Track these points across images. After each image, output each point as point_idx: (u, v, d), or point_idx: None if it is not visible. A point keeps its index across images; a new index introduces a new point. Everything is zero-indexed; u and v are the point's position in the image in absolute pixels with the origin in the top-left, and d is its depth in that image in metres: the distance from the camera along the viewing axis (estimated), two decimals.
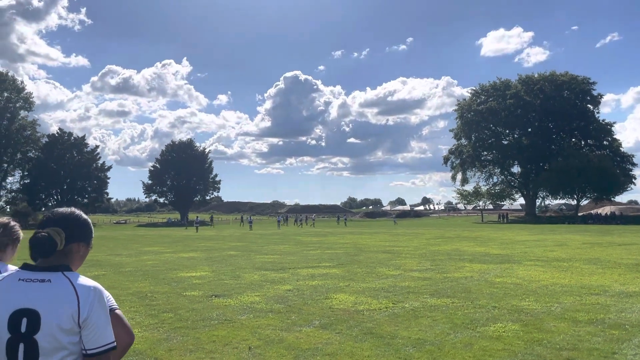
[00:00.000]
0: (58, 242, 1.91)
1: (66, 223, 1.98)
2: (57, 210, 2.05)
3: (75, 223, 2.02)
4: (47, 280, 1.87)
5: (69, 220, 2.01)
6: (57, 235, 1.92)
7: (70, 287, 1.87)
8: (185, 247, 24.40)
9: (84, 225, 2.05)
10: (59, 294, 1.85)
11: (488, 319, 7.50)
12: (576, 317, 7.58)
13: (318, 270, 13.79)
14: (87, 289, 1.88)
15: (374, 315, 7.89)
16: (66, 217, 2.02)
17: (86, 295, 1.86)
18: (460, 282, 11.30)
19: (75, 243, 2.00)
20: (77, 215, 2.05)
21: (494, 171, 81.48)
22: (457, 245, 23.13)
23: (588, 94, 76.38)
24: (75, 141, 77.57)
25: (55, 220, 1.98)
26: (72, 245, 1.98)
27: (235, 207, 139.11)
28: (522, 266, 14.27)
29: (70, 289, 1.86)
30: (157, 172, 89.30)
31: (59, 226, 1.95)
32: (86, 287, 1.89)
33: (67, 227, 1.97)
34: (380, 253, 19.10)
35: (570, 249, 20.31)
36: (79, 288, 1.87)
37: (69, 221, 2.00)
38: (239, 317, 7.80)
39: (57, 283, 1.87)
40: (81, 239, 2.03)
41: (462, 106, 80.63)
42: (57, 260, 1.93)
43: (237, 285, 11.09)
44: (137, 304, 9.06)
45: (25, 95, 72.35)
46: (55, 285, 1.86)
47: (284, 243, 26.34)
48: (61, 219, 2.00)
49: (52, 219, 1.99)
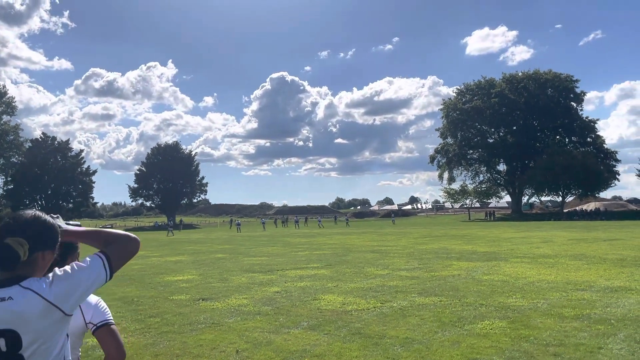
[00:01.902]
0: (21, 254, 1.73)
1: (29, 230, 1.78)
2: (18, 215, 1.83)
3: (40, 230, 1.81)
4: (7, 298, 1.70)
5: (32, 227, 1.80)
6: (19, 246, 1.73)
7: (34, 295, 1.72)
8: (172, 250, 24.23)
9: (49, 231, 1.85)
10: (28, 308, 1.70)
11: (475, 317, 7.53)
12: (562, 313, 7.64)
13: (306, 271, 13.77)
14: (46, 283, 1.75)
15: (362, 315, 7.88)
16: (29, 223, 1.81)
17: (49, 290, 1.73)
18: (447, 280, 11.34)
19: (40, 252, 1.80)
20: (41, 220, 1.84)
21: (480, 169, 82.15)
22: (444, 243, 23.23)
23: (571, 91, 77.35)
24: (59, 145, 76.77)
25: (16, 228, 1.77)
26: (36, 255, 1.78)
27: (222, 210, 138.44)
28: (509, 263, 14.36)
29: (35, 297, 1.72)
30: (143, 176, 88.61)
31: (22, 235, 1.75)
32: (45, 282, 1.76)
33: (31, 236, 1.77)
34: (369, 253, 19.12)
35: (556, 245, 20.50)
36: (42, 290, 1.73)
37: (32, 228, 1.79)
38: (226, 321, 7.75)
39: (19, 298, 1.70)
40: (46, 246, 1.83)
41: (448, 105, 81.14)
42: (16, 272, 1.75)
43: (224, 288, 11.03)
44: (123, 309, 8.97)
45: (7, 100, 71.48)
46: (18, 302, 1.70)
47: (272, 245, 26.27)
48: (23, 226, 1.78)
49: (13, 227, 1.78)
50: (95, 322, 2.31)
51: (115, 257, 1.89)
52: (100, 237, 1.96)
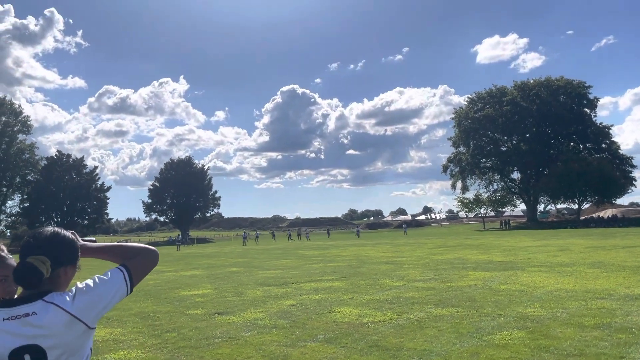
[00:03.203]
0: (44, 271, 1.76)
1: (50, 248, 1.82)
2: (38, 233, 1.87)
3: (60, 246, 1.85)
4: (31, 313, 1.74)
5: (52, 244, 1.84)
6: (42, 264, 1.76)
7: (57, 309, 1.75)
8: (186, 265, 24.30)
9: (69, 247, 1.89)
10: (52, 322, 1.74)
11: (494, 327, 7.44)
12: (582, 322, 7.52)
13: (321, 283, 13.72)
14: (69, 297, 1.79)
15: (379, 327, 7.83)
16: (49, 240, 1.84)
17: (72, 303, 1.77)
18: (464, 290, 11.23)
19: (62, 267, 1.85)
20: (61, 236, 1.88)
21: (493, 178, 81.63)
22: (460, 253, 23.04)
23: (584, 97, 76.77)
24: (73, 163, 77.67)
25: (37, 246, 1.81)
26: (58, 271, 1.83)
27: (236, 223, 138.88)
28: (526, 272, 14.20)
29: (58, 311, 1.75)
30: (157, 191, 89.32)
31: (43, 253, 1.79)
32: (68, 295, 1.80)
33: (52, 252, 1.81)
34: (383, 264, 19.02)
35: (574, 253, 20.23)
36: (65, 304, 1.76)
37: (53, 245, 1.83)
38: (242, 334, 7.74)
39: (43, 313, 1.74)
40: (68, 262, 1.88)
41: (459, 114, 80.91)
42: (40, 288, 1.79)
43: (240, 302, 11.02)
44: (140, 324, 8.99)
45: (23, 119, 72.65)
46: (42, 316, 1.74)
47: (286, 257, 26.24)
48: (44, 244, 1.82)
49: (34, 245, 1.81)
50: None
51: (136, 270, 1.93)
52: (119, 252, 2.00)
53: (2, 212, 72.67)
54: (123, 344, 7.54)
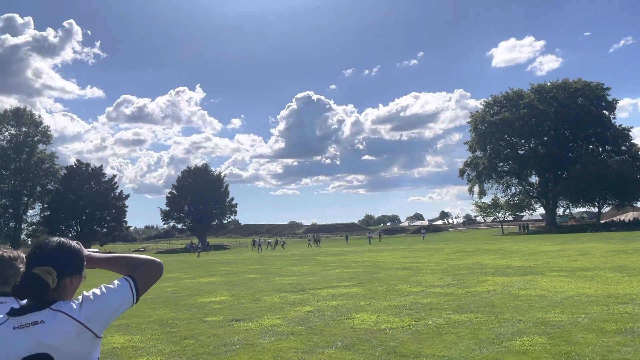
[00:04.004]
0: (50, 282, 1.79)
1: (56, 258, 1.83)
2: (44, 244, 1.88)
3: (65, 256, 1.87)
4: (40, 321, 1.76)
5: (58, 254, 1.85)
6: (47, 275, 1.79)
7: (65, 317, 1.78)
8: (204, 272, 24.42)
9: (75, 257, 1.91)
10: (60, 330, 1.76)
11: (513, 333, 7.35)
12: (604, 327, 7.39)
13: (338, 290, 13.69)
14: (76, 305, 1.82)
15: (397, 333, 7.78)
16: (55, 251, 1.86)
17: (79, 311, 1.80)
18: (483, 296, 11.12)
19: (68, 277, 1.87)
20: (66, 247, 1.89)
21: (511, 182, 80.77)
22: (478, 258, 22.83)
23: (603, 99, 75.72)
24: (92, 171, 78.66)
25: (43, 257, 1.83)
26: (64, 281, 1.85)
27: (252, 230, 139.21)
28: (546, 277, 14.01)
29: (67, 319, 1.78)
30: (174, 199, 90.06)
31: (49, 263, 1.81)
32: (75, 303, 1.83)
33: (58, 263, 1.82)
34: (400, 270, 18.92)
35: (595, 257, 19.92)
36: (72, 312, 1.79)
37: (58, 255, 1.85)
38: (260, 341, 7.75)
39: (51, 321, 1.76)
40: (74, 272, 1.89)
41: (476, 118, 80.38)
42: (46, 297, 1.81)
43: (257, 309, 11.04)
44: (159, 331, 9.05)
45: (43, 129, 73.81)
46: (50, 325, 1.76)
47: (302, 264, 26.24)
48: (50, 255, 1.83)
49: (40, 256, 1.83)
50: None
51: (142, 281, 1.97)
52: (125, 263, 2.04)
53: (23, 221, 73.82)
54: (142, 350, 7.59)
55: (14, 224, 71.39)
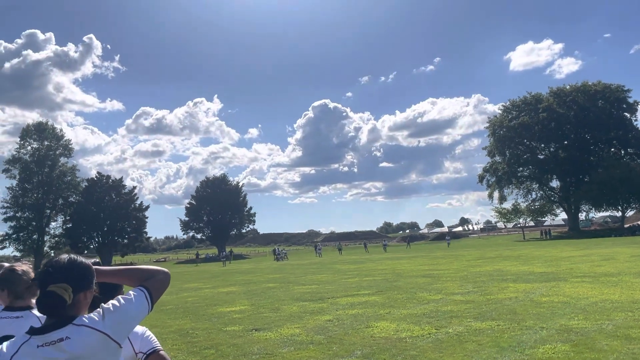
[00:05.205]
0: (67, 298, 1.85)
1: (69, 274, 1.90)
2: (55, 262, 1.95)
3: (78, 273, 1.94)
4: (65, 338, 1.81)
5: (71, 270, 1.92)
6: (64, 292, 1.85)
7: (90, 330, 1.83)
8: (223, 281, 24.52)
9: (86, 272, 1.97)
10: (86, 344, 1.81)
11: (536, 341, 7.23)
12: (629, 334, 7.24)
13: (357, 298, 13.63)
14: (98, 317, 1.88)
15: (417, 342, 7.71)
16: (67, 268, 1.92)
17: (102, 323, 1.86)
18: (504, 303, 10.97)
19: (82, 292, 1.93)
20: (77, 263, 1.96)
21: (532, 187, 79.81)
22: (499, 265, 22.55)
23: (624, 101, 74.61)
24: (113, 183, 79.64)
25: (57, 274, 1.89)
26: (78, 296, 1.92)
27: (271, 239, 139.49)
28: (569, 283, 13.78)
29: (92, 332, 1.83)
30: (194, 209, 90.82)
31: (63, 280, 1.87)
32: (97, 316, 1.89)
33: (72, 280, 1.89)
34: (420, 277, 18.77)
35: (619, 262, 19.54)
36: (96, 324, 1.85)
37: (71, 272, 1.92)
38: (280, 351, 7.74)
39: (75, 336, 1.82)
40: (87, 287, 1.96)
41: (494, 123, 79.77)
42: (65, 313, 1.87)
43: (276, 318, 11.04)
44: (179, 341, 9.10)
45: (64, 143, 75.08)
46: (75, 339, 1.81)
47: (321, 272, 26.19)
48: (63, 272, 1.90)
49: (54, 274, 1.89)
50: (144, 351, 2.47)
51: (155, 290, 2.05)
52: (134, 274, 2.11)
53: (46, 234, 74.93)
54: None
55: (37, 237, 72.49)
